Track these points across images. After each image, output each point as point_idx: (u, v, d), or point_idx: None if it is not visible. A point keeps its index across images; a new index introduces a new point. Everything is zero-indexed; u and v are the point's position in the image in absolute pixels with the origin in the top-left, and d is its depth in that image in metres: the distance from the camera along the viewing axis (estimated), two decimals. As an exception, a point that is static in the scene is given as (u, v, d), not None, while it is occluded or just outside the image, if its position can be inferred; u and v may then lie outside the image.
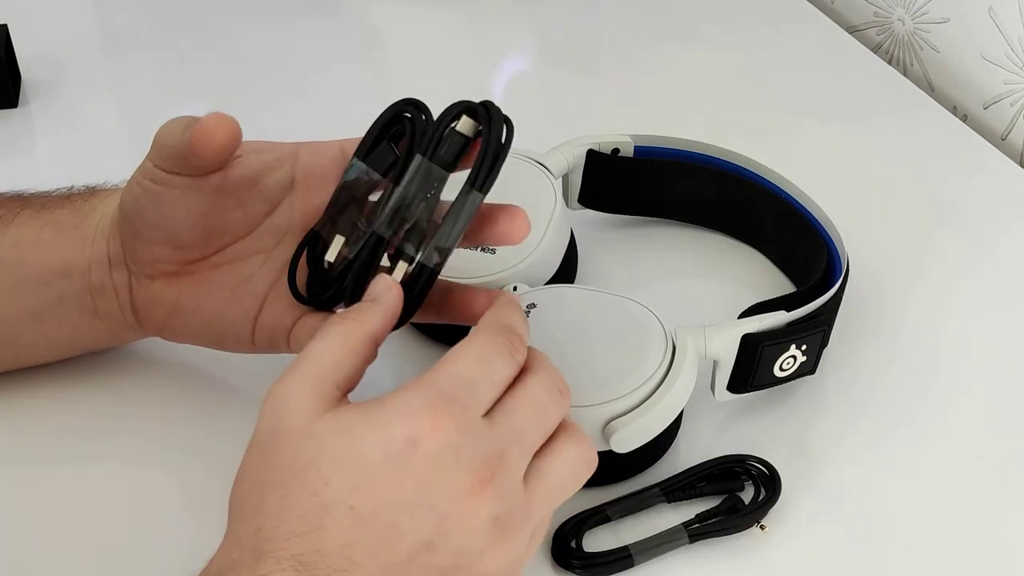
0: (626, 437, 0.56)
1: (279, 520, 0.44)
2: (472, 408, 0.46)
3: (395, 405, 0.46)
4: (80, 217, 0.60)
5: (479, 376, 0.47)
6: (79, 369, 0.64)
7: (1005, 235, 0.77)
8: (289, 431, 0.46)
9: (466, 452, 0.45)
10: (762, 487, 0.58)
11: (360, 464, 0.45)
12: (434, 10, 0.97)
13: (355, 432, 0.45)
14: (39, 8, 0.95)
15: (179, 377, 0.65)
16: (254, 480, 0.46)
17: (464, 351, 0.48)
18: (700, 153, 0.71)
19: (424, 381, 0.47)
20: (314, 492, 0.44)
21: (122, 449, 0.62)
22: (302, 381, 0.47)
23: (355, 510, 0.44)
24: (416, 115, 0.53)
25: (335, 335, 0.48)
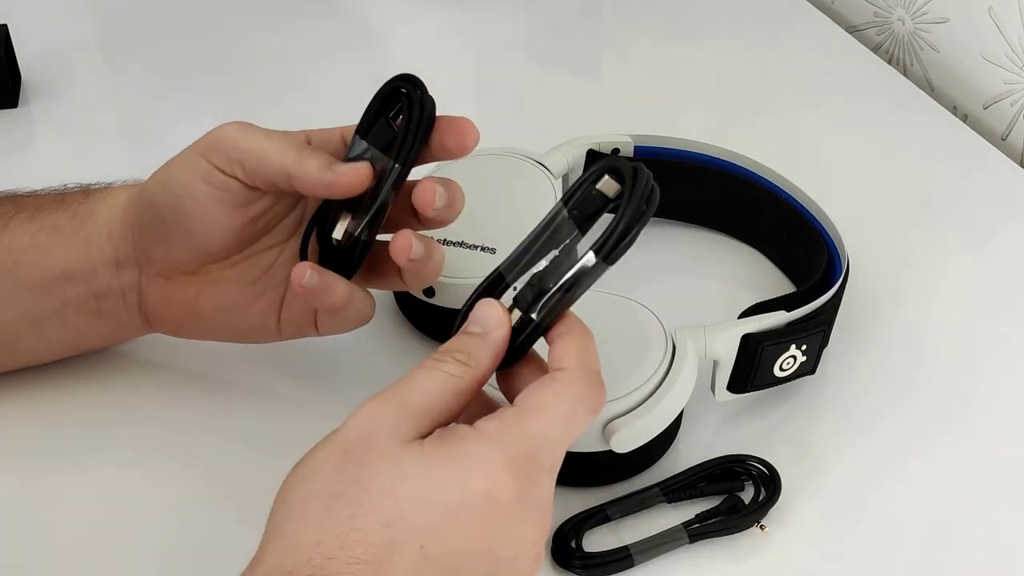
0: (626, 437, 0.56)
1: (344, 541, 0.44)
2: (547, 468, 0.47)
3: (480, 455, 0.46)
4: (79, 220, 0.60)
5: (561, 437, 0.47)
6: (77, 369, 0.64)
7: (1005, 235, 0.77)
8: (376, 449, 0.46)
9: (535, 505, 0.46)
10: (762, 487, 0.58)
11: (437, 506, 0.45)
12: (434, 9, 0.97)
13: (437, 471, 0.45)
14: (39, 8, 0.95)
15: (177, 377, 0.65)
16: (325, 485, 0.45)
17: (554, 408, 0.47)
18: (700, 153, 0.71)
19: (513, 435, 0.46)
20: (388, 523, 0.44)
21: (120, 450, 0.62)
22: (402, 410, 0.47)
23: (424, 550, 0.44)
24: (412, 91, 0.55)
25: (448, 378, 0.48)
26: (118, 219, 0.59)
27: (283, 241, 0.59)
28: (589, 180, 0.49)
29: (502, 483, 0.45)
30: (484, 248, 0.64)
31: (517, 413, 0.47)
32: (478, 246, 0.64)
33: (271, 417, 0.63)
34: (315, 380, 0.65)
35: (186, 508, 0.59)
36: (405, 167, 0.55)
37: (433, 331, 0.67)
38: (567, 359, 0.48)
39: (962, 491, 0.61)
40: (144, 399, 0.64)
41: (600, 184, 0.49)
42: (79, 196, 0.61)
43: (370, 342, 0.67)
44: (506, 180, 0.68)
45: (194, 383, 0.65)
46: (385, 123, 0.55)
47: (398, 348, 0.67)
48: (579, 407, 0.47)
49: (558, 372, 0.48)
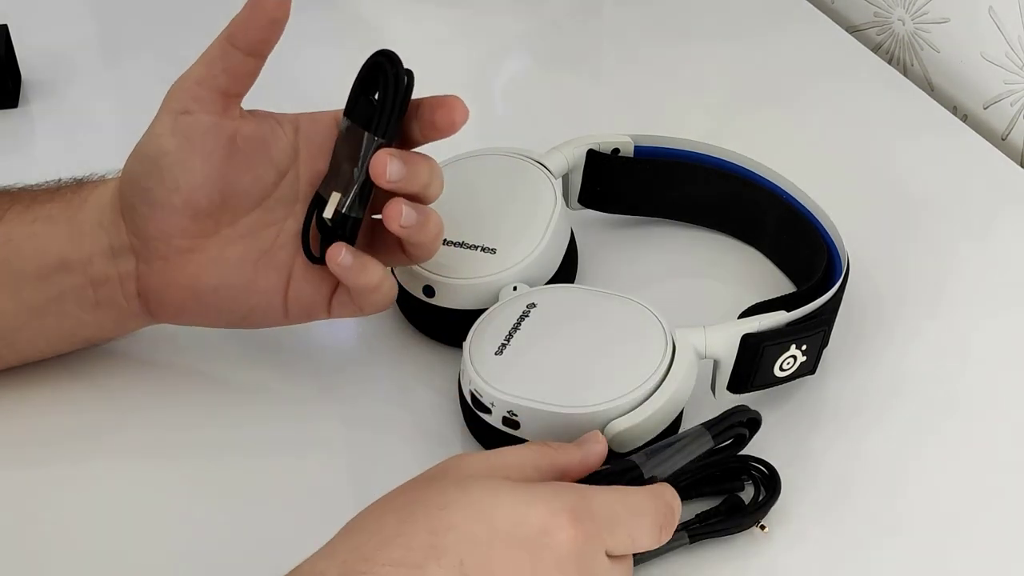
0: (626, 437, 0.56)
1: (386, 545, 0.44)
2: (605, 539, 0.47)
3: (544, 493, 0.46)
4: (72, 209, 0.60)
5: (626, 522, 0.48)
6: (74, 369, 0.64)
7: (1005, 235, 0.77)
8: (450, 475, 0.47)
9: (585, 567, 0.46)
10: (762, 487, 0.58)
11: (489, 524, 0.45)
12: (434, 8, 0.97)
13: (498, 496, 0.46)
14: (39, 8, 0.94)
15: (175, 377, 0.65)
16: (391, 501, 0.46)
17: (629, 495, 0.49)
18: (700, 153, 0.71)
19: (580, 490, 0.47)
20: (434, 531, 0.44)
21: (119, 451, 0.62)
22: (484, 460, 0.49)
23: (463, 566, 0.44)
24: (388, 66, 0.56)
25: (528, 448, 0.51)
26: (108, 206, 0.59)
27: (280, 221, 0.59)
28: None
29: (560, 524, 0.45)
30: (484, 248, 0.64)
31: (592, 486, 0.49)
32: (478, 246, 0.64)
33: (270, 417, 0.63)
34: (315, 380, 0.65)
35: (184, 508, 0.59)
36: (385, 139, 0.56)
37: (433, 331, 0.67)
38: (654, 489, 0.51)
39: (962, 491, 0.60)
40: (142, 399, 0.64)
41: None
42: (72, 187, 0.61)
43: (370, 342, 0.68)
44: (506, 180, 0.68)
45: (192, 383, 0.65)
46: (366, 100, 0.57)
47: (398, 348, 0.67)
48: (649, 508, 0.50)
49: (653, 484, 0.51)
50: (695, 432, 0.55)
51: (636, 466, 0.53)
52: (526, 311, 0.60)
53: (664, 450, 0.54)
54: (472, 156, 0.69)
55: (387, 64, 0.56)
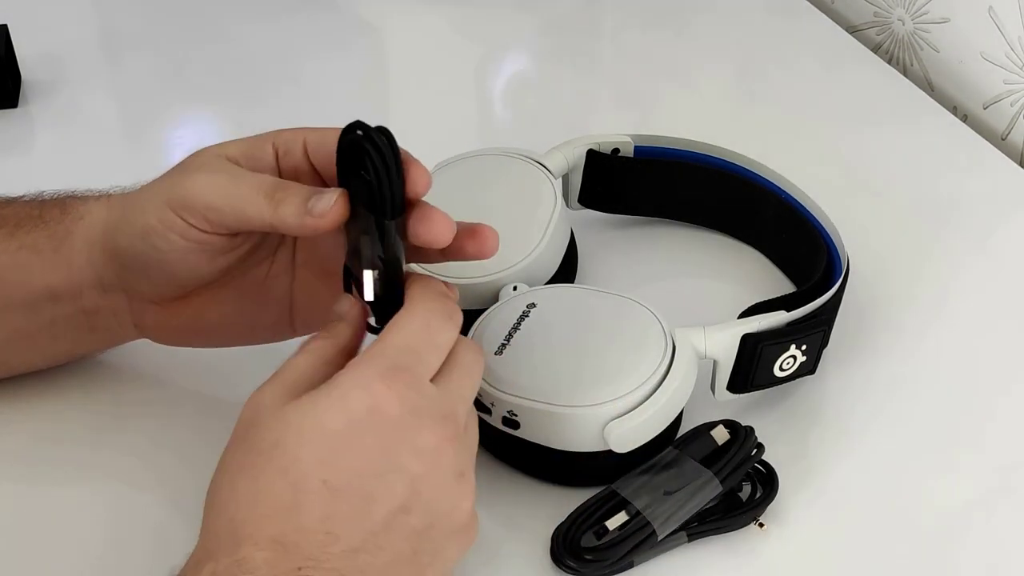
0: (626, 437, 0.56)
1: (252, 503, 0.45)
2: (422, 374, 0.48)
3: (350, 377, 0.47)
4: (57, 239, 0.58)
5: (424, 342, 0.49)
6: (73, 372, 0.64)
7: (1005, 235, 0.77)
8: (259, 418, 0.47)
9: (424, 413, 0.47)
10: (759, 485, 0.58)
11: (325, 437, 0.45)
12: (434, 8, 0.97)
13: (316, 408, 0.46)
14: (39, 8, 0.95)
15: (173, 379, 0.65)
16: (226, 470, 0.47)
17: (409, 320, 0.49)
18: (700, 153, 0.71)
19: (373, 353, 0.48)
20: (283, 470, 0.45)
21: (116, 457, 0.62)
22: (278, 387, 0.48)
23: (328, 483, 0.45)
24: (366, 143, 0.50)
25: (312, 350, 0.50)
26: (98, 244, 0.58)
27: (271, 255, 0.59)
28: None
29: (379, 393, 0.46)
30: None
31: (377, 339, 0.49)
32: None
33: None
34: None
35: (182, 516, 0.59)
36: (395, 218, 0.51)
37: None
38: (411, 291, 0.51)
39: (961, 491, 0.60)
40: (138, 404, 0.64)
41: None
42: (56, 212, 0.59)
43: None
44: (506, 180, 0.68)
45: (190, 383, 0.65)
46: (359, 179, 0.51)
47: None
48: (433, 316, 0.49)
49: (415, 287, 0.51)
50: (704, 479, 0.56)
51: (616, 492, 0.56)
52: (526, 311, 0.60)
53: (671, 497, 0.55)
54: (472, 156, 0.69)
55: (363, 140, 0.50)
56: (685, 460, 0.57)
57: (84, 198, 0.60)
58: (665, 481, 0.56)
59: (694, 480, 0.56)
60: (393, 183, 0.50)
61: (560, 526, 0.56)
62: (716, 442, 0.58)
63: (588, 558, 0.55)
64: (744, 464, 0.57)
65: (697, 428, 0.59)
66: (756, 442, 0.58)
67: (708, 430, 0.58)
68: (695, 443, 0.58)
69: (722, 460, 0.57)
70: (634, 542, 0.55)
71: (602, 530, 0.55)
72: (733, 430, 0.58)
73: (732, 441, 0.58)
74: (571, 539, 0.55)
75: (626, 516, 0.55)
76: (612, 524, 0.55)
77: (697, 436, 0.58)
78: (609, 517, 0.55)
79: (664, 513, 0.55)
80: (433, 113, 0.83)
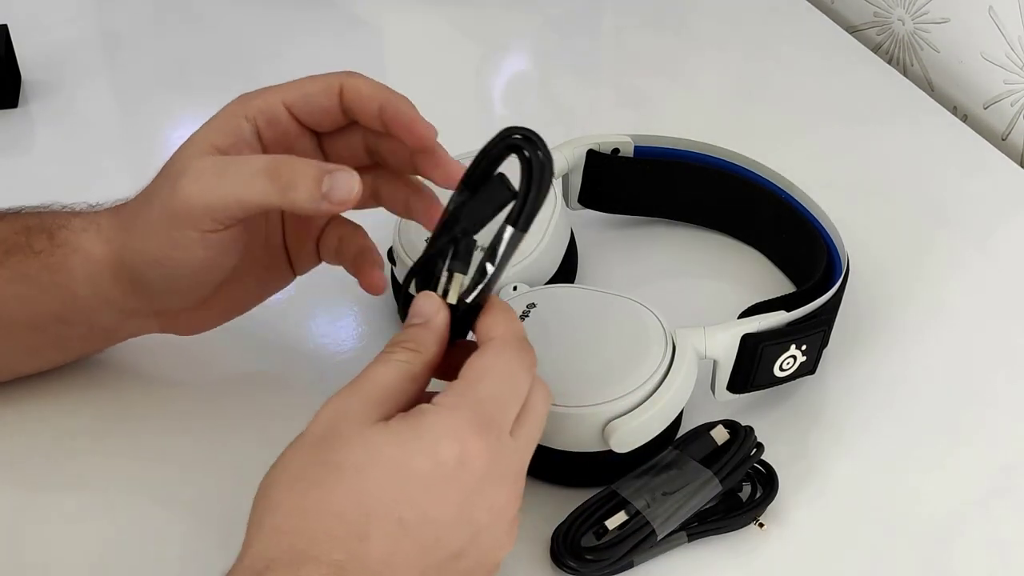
0: (626, 437, 0.56)
1: (323, 522, 0.44)
2: (506, 427, 0.48)
3: (444, 424, 0.47)
4: (51, 272, 0.57)
5: (510, 394, 0.49)
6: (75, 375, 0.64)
7: (1005, 235, 0.77)
8: (343, 435, 0.46)
9: (503, 470, 0.47)
10: (759, 485, 0.58)
11: (410, 478, 0.45)
12: (434, 8, 0.97)
13: (406, 444, 0.46)
14: (39, 8, 0.95)
15: (172, 379, 0.65)
16: (297, 476, 0.46)
17: (495, 370, 0.49)
18: (700, 153, 0.71)
19: (467, 402, 0.47)
20: (361, 498, 0.45)
21: (116, 456, 0.62)
22: (363, 399, 0.48)
23: (402, 521, 0.45)
24: (531, 152, 0.49)
25: (400, 365, 0.49)
26: (105, 278, 0.57)
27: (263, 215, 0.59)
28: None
29: (470, 448, 0.46)
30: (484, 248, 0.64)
31: (465, 382, 0.48)
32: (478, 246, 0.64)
33: (269, 418, 0.63)
34: (314, 381, 0.65)
35: (182, 515, 0.59)
36: (524, 232, 0.50)
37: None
38: (496, 329, 0.50)
39: (960, 491, 0.60)
40: (138, 404, 0.64)
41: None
42: (44, 241, 0.57)
43: (370, 342, 0.68)
44: (506, 180, 0.67)
45: (189, 384, 0.65)
46: (500, 182, 0.50)
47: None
48: (516, 365, 0.49)
49: (490, 341, 0.50)
50: (704, 478, 0.56)
51: (616, 492, 0.56)
52: (526, 311, 0.60)
53: (671, 497, 0.56)
54: (472, 156, 0.69)
55: (528, 148, 0.49)
56: (685, 460, 0.57)
57: (70, 225, 0.58)
58: (665, 481, 0.56)
59: (694, 480, 0.56)
60: (541, 201, 0.49)
61: (560, 526, 0.56)
62: (716, 442, 0.58)
63: (588, 558, 0.55)
64: (744, 464, 0.57)
65: (697, 428, 0.59)
66: (756, 442, 0.58)
67: (708, 430, 0.58)
68: (695, 443, 0.58)
69: (722, 460, 0.57)
70: (634, 542, 0.55)
71: (602, 530, 0.55)
72: (733, 430, 0.58)
73: (732, 441, 0.58)
74: (571, 539, 0.55)
75: (626, 516, 0.55)
76: (612, 524, 0.55)
77: (697, 436, 0.58)
78: (609, 517, 0.56)
79: (664, 513, 0.55)
80: (433, 113, 0.83)
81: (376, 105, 0.55)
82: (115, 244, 0.57)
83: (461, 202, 0.51)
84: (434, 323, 0.50)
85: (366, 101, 0.56)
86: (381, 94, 0.56)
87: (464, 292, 0.51)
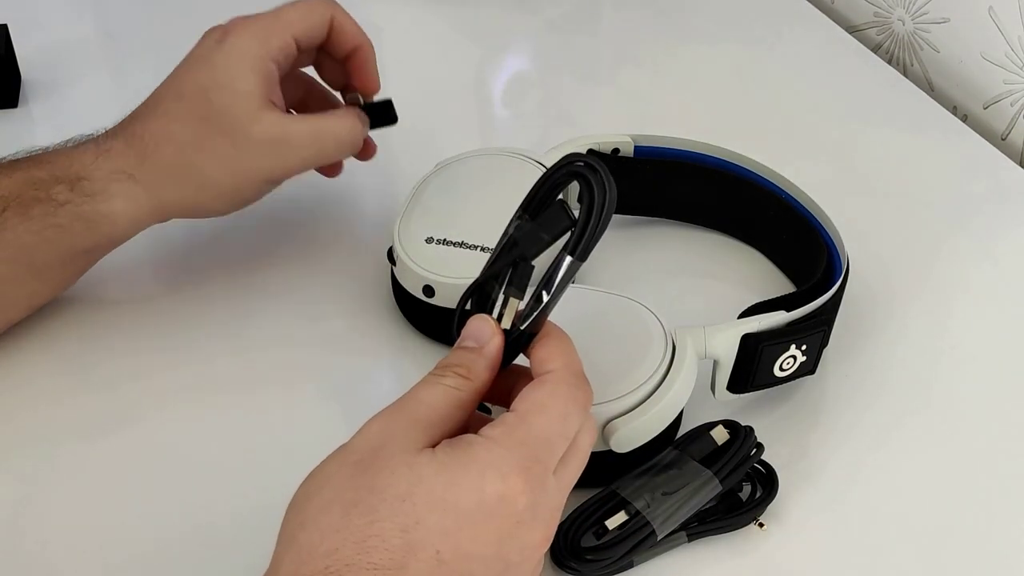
0: (626, 437, 0.56)
1: (363, 547, 0.44)
2: (551, 467, 0.48)
3: (490, 459, 0.46)
4: (86, 221, 0.61)
5: (560, 434, 0.48)
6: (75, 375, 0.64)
7: (1005, 235, 0.77)
8: (389, 457, 0.46)
9: (542, 510, 0.47)
10: (759, 485, 0.58)
11: (453, 510, 0.45)
12: (434, 8, 0.97)
13: (452, 475, 0.45)
14: (39, 8, 0.95)
15: (172, 379, 0.65)
16: (339, 494, 0.45)
17: (550, 407, 0.48)
18: (700, 153, 0.71)
19: (518, 439, 0.47)
20: (405, 528, 0.44)
21: (117, 457, 0.62)
22: (410, 422, 0.47)
23: (440, 555, 0.45)
24: (595, 181, 0.49)
25: (449, 390, 0.48)
26: (150, 220, 0.63)
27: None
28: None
29: (514, 487, 0.46)
30: (484, 248, 0.64)
31: (518, 416, 0.47)
32: (478, 246, 0.64)
33: (269, 417, 0.63)
34: (314, 380, 0.65)
35: (183, 513, 0.59)
36: (583, 261, 0.50)
37: (432, 331, 0.67)
38: (553, 361, 0.49)
39: (960, 491, 0.61)
40: (139, 403, 0.64)
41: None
42: (63, 191, 0.61)
43: (370, 342, 0.68)
44: (506, 180, 0.68)
45: (189, 383, 0.65)
46: (560, 209, 0.50)
47: (398, 348, 0.67)
48: (571, 405, 0.48)
49: (547, 374, 0.49)
50: (704, 478, 0.56)
51: (616, 492, 0.56)
52: (526, 311, 0.60)
53: (671, 497, 0.56)
54: (472, 156, 0.69)
55: (592, 176, 0.49)
56: (685, 460, 0.57)
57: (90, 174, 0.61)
58: (665, 481, 0.56)
59: (694, 480, 0.56)
60: (603, 229, 0.49)
61: (560, 526, 0.56)
62: (716, 442, 0.58)
63: (588, 558, 0.55)
64: (744, 464, 0.57)
65: (697, 428, 0.59)
66: (756, 442, 0.58)
67: (708, 430, 0.58)
68: (695, 443, 0.58)
69: (722, 460, 0.57)
70: (634, 542, 0.55)
71: (602, 530, 0.55)
72: (733, 430, 0.58)
73: (732, 441, 0.58)
74: (571, 539, 0.56)
75: (626, 516, 0.55)
76: (612, 524, 0.55)
77: (697, 436, 0.58)
78: (609, 517, 0.56)
79: (664, 513, 0.55)
80: (433, 113, 0.83)
81: (352, 46, 0.66)
82: (162, 194, 0.61)
83: (520, 226, 0.51)
84: (488, 349, 0.50)
85: (348, 37, 0.65)
86: (360, 38, 0.66)
87: (518, 318, 0.50)
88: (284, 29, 0.62)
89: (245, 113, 0.60)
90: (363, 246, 0.73)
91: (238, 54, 0.61)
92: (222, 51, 0.61)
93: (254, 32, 0.62)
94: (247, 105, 0.60)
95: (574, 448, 0.49)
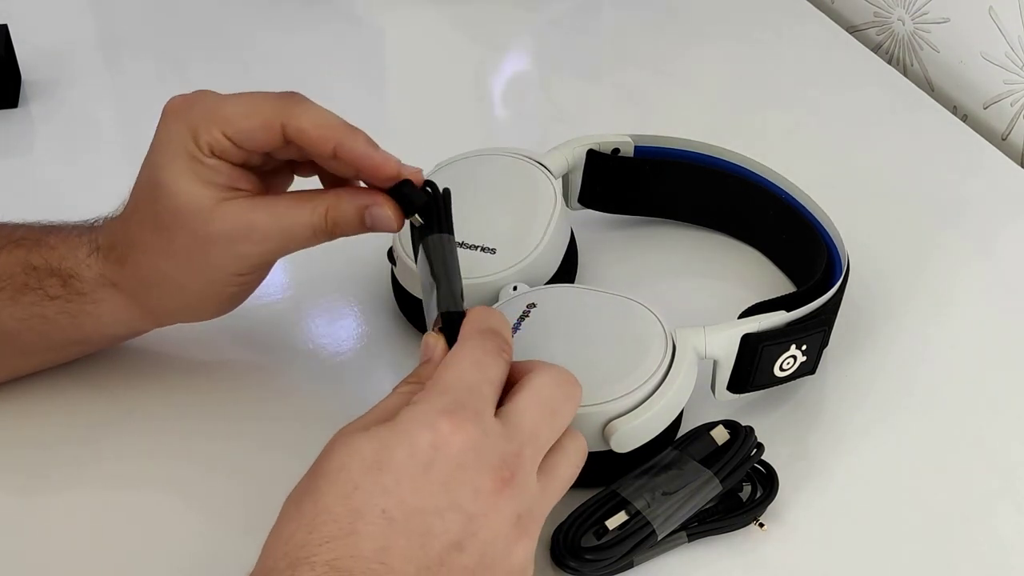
0: (626, 437, 0.56)
1: (312, 526, 0.45)
2: (483, 410, 0.48)
3: (414, 414, 0.47)
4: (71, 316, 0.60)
5: (479, 378, 0.49)
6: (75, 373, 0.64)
7: (1005, 235, 0.77)
8: (332, 447, 0.47)
9: (486, 453, 0.47)
10: (759, 485, 0.58)
11: (388, 467, 0.46)
12: (435, 8, 0.97)
13: (382, 439, 0.47)
14: (39, 8, 0.95)
15: (173, 379, 0.65)
16: (295, 493, 0.47)
17: (459, 358, 0.50)
18: (700, 153, 0.71)
19: (435, 391, 0.48)
20: (345, 495, 0.45)
21: (119, 456, 0.62)
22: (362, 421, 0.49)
23: (387, 513, 0.45)
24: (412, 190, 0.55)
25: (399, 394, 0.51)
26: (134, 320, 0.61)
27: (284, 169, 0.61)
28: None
29: (442, 429, 0.46)
30: (484, 248, 0.64)
31: (434, 377, 0.49)
32: (478, 246, 0.64)
33: (269, 417, 0.63)
34: (314, 380, 0.65)
35: (185, 511, 0.59)
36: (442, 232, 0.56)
37: (432, 330, 0.67)
38: (463, 328, 0.52)
39: (960, 491, 0.61)
40: (140, 402, 0.64)
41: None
42: (55, 285, 0.59)
43: (370, 342, 0.68)
44: (506, 180, 0.68)
45: (190, 383, 0.65)
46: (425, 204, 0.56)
47: (398, 348, 0.67)
48: (481, 352, 0.50)
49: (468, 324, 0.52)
50: (704, 478, 0.56)
51: (616, 492, 0.56)
52: (526, 311, 0.60)
53: (671, 497, 0.56)
54: (472, 156, 0.69)
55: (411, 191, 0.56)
56: (685, 460, 0.57)
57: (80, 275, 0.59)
58: (665, 481, 0.56)
59: (694, 480, 0.56)
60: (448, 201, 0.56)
61: (560, 526, 0.56)
62: (716, 442, 0.58)
63: (588, 558, 0.55)
64: (744, 464, 0.57)
65: (697, 428, 0.59)
66: (756, 442, 0.58)
67: (708, 430, 0.58)
68: (695, 443, 0.58)
69: (722, 460, 0.57)
70: (634, 542, 0.55)
71: (602, 530, 0.55)
72: (733, 430, 0.58)
73: (732, 441, 0.58)
74: (571, 539, 0.56)
75: (626, 516, 0.55)
76: (612, 524, 0.55)
77: (697, 436, 0.58)
78: (609, 517, 0.56)
79: (664, 513, 0.55)
80: (433, 113, 0.83)
81: (329, 147, 0.54)
82: (145, 303, 0.60)
83: (426, 260, 0.56)
84: (436, 355, 0.52)
85: (316, 142, 0.54)
86: (332, 134, 0.54)
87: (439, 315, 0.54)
88: (217, 124, 0.55)
89: (197, 213, 0.55)
90: (363, 246, 0.72)
91: (172, 151, 0.55)
92: (159, 145, 0.56)
93: (188, 122, 0.55)
94: (197, 204, 0.55)
95: (558, 450, 0.50)
